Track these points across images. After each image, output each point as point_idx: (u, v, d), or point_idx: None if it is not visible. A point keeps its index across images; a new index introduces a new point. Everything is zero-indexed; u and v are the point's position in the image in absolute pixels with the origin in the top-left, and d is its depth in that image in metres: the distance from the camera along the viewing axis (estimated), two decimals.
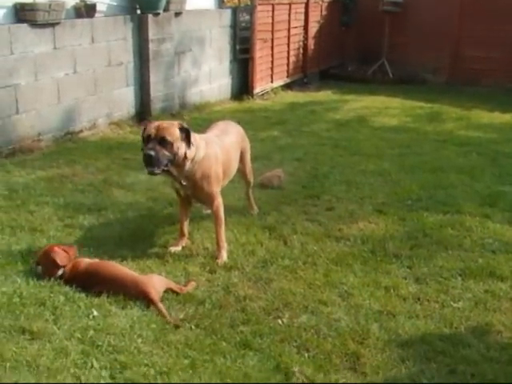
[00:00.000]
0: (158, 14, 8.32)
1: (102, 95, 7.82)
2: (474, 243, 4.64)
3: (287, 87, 11.77)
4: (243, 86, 10.62)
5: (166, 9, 8.50)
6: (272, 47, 11.07)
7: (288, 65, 11.83)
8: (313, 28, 12.45)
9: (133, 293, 3.59)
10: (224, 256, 4.27)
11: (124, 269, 3.85)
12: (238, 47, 10.43)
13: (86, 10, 7.38)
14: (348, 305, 3.71)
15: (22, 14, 6.61)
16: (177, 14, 8.82)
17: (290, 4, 11.42)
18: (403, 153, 7.30)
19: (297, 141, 7.78)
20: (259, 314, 3.55)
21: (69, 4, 7.19)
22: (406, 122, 9.19)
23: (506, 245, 4.62)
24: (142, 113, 8.42)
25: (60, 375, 2.90)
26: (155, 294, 3.57)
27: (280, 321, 3.50)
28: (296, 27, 11.83)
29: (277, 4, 10.96)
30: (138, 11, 8.30)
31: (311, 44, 12.48)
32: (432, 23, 12.42)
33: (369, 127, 8.78)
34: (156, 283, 3.67)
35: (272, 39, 11.00)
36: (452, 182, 6.13)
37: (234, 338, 3.30)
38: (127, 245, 4.41)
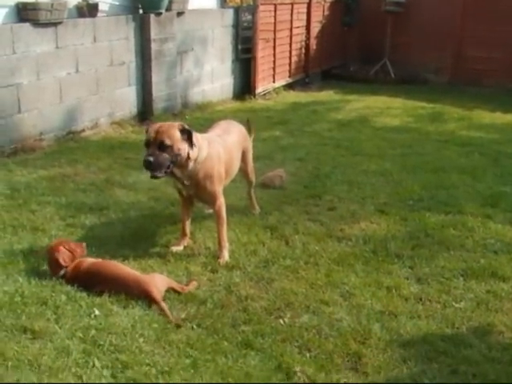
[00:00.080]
0: (160, 14, 8.32)
1: (104, 95, 7.82)
2: (476, 243, 4.63)
3: (289, 87, 11.76)
4: (245, 86, 10.61)
5: (168, 8, 8.50)
6: (274, 47, 11.05)
7: (290, 65, 11.82)
8: (315, 28, 12.43)
9: (135, 292, 3.59)
10: (226, 256, 4.27)
11: (126, 268, 3.85)
12: (240, 47, 10.41)
13: (89, 10, 7.39)
14: (350, 305, 3.71)
15: (25, 14, 6.62)
16: (179, 14, 8.82)
17: (292, 4, 11.40)
18: (405, 153, 7.29)
19: (299, 141, 7.78)
20: (261, 314, 3.55)
21: (71, 3, 7.19)
22: (408, 122, 9.18)
23: (508, 245, 4.62)
24: (144, 112, 8.42)
25: (61, 374, 2.91)
26: (157, 294, 3.57)
27: (282, 321, 3.50)
28: (298, 27, 11.81)
29: (279, 4, 10.95)
30: (140, 11, 8.30)
31: (313, 44, 12.47)
32: (434, 23, 12.41)
33: (371, 127, 8.77)
34: (158, 282, 3.68)
35: (274, 39, 10.99)
36: (454, 183, 6.12)
37: (236, 338, 3.30)
38: (129, 244, 4.41)
